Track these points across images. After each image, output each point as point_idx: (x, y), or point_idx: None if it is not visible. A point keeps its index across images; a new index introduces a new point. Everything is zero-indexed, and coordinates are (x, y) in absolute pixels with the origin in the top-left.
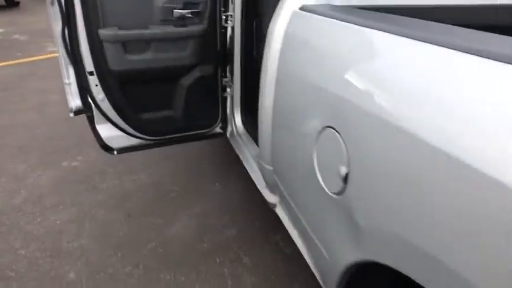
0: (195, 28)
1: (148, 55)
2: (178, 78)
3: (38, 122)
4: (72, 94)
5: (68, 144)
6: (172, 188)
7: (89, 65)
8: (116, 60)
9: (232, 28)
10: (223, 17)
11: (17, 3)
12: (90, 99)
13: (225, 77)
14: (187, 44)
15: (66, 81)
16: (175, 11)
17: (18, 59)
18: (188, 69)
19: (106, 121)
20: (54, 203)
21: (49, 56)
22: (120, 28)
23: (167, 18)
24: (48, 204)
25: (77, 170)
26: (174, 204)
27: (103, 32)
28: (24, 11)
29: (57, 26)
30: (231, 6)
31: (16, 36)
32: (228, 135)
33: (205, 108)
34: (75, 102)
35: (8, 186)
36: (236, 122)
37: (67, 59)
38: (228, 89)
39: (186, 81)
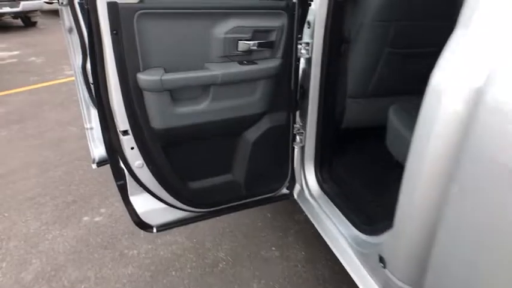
0: (267, 65)
1: (203, 105)
2: (241, 133)
3: (54, 161)
4: (94, 141)
5: (89, 192)
6: (218, 255)
7: (122, 122)
8: (161, 115)
9: (309, 60)
10: (299, 47)
11: (34, 23)
12: (122, 165)
13: (295, 122)
14: (255, 86)
15: (87, 125)
16: (241, 42)
17: (35, 84)
18: (255, 119)
19: (143, 191)
20: (74, 279)
21: (67, 80)
22: (166, 70)
23: (229, 54)
24: (67, 281)
25: (100, 229)
26: (223, 280)
27: (143, 77)
28: (41, 30)
29: (77, 58)
30: (307, 32)
31: (32, 58)
32: (295, 196)
33: (274, 167)
34: (98, 151)
35: (17, 254)
36: (308, 179)
37: (88, 100)
38: (298, 138)
39: (251, 135)
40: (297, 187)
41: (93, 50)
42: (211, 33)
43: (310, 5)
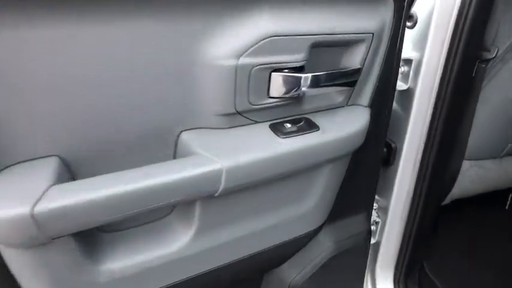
0: (341, 130)
1: (180, 245)
2: (267, 270)
3: None
4: None
5: None
6: None
7: None
8: None
9: (406, 93)
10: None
11: None
12: None
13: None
14: (310, 182)
15: None
16: (279, 75)
17: None
18: (300, 245)
19: None
20: None
21: None
22: (68, 163)
23: (247, 107)
24: None
25: None
26: None
27: None
28: None
29: None
30: (408, 36)
31: None
32: None
33: None
34: None
35: None
36: None
37: None
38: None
39: (290, 273)
40: None
41: None
42: (197, 53)
43: None
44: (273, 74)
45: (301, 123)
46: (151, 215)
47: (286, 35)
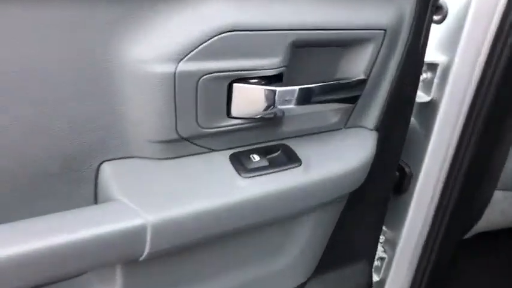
0: (333, 166)
1: None
2: None
3: None
4: None
5: None
6: None
7: None
8: None
9: (428, 106)
10: None
11: None
12: None
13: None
14: (291, 231)
15: None
16: (242, 87)
17: None
18: None
19: None
20: None
21: None
22: None
23: (195, 132)
24: None
25: None
26: None
27: None
28: None
29: None
30: (435, 33)
31: None
32: None
33: None
34: None
35: None
36: None
37: None
38: (376, 263)
39: None
40: None
41: None
42: (116, 53)
43: None
44: (234, 85)
45: (276, 154)
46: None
47: (254, 29)
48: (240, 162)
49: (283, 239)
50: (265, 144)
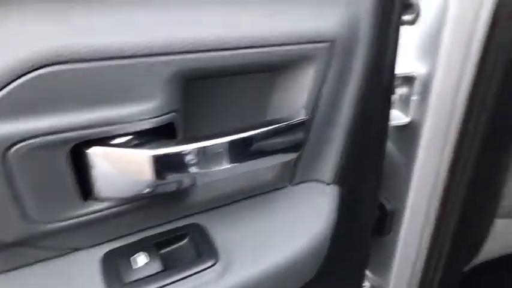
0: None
1: None
2: None
3: None
4: None
5: None
6: None
7: None
8: None
9: (407, 129)
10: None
11: None
12: None
13: None
14: None
15: None
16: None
17: None
18: None
19: None
20: None
21: None
22: None
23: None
24: None
25: None
26: None
27: None
28: None
29: None
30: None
31: None
32: None
33: None
34: None
35: None
36: None
37: None
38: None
39: None
40: None
41: None
42: None
43: None
44: (90, 150)
45: (178, 245)
46: None
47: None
48: (115, 269)
49: None
50: (165, 225)
